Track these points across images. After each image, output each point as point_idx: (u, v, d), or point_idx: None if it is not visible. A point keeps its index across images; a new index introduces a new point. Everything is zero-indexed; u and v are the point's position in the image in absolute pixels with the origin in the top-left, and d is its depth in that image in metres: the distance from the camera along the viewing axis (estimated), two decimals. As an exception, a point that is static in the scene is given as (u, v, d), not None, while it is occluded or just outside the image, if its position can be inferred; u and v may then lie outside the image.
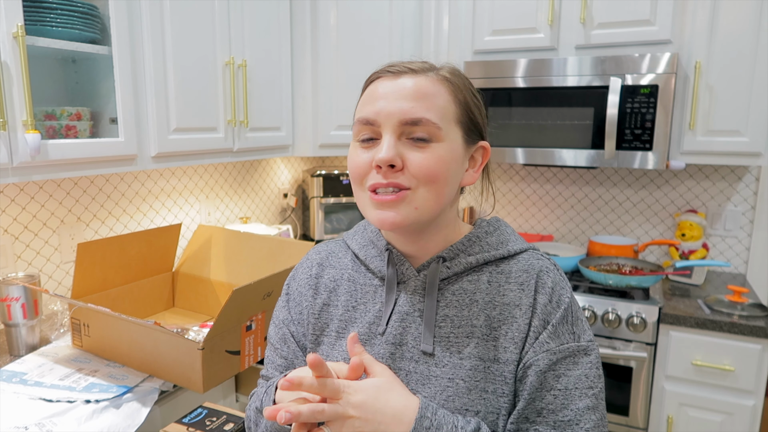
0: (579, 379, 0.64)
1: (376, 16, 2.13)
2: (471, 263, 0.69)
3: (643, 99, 1.76)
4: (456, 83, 0.67)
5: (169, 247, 1.63)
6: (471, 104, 0.69)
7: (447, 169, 0.64)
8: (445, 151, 0.64)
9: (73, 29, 1.29)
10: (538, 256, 0.71)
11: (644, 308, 1.70)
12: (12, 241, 1.48)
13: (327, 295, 0.76)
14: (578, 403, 0.63)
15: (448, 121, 0.65)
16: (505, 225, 0.76)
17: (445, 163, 0.64)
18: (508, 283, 0.68)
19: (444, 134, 0.64)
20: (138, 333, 1.19)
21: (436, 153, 0.63)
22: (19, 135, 1.16)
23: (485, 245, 0.70)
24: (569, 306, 0.67)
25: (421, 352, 0.67)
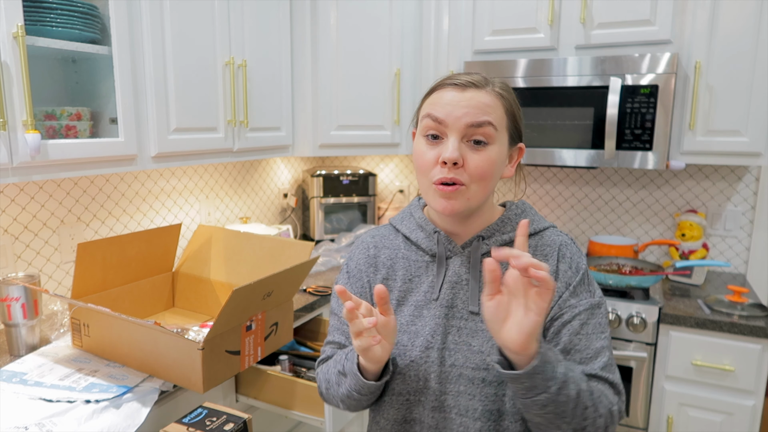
0: (596, 326, 0.81)
1: (376, 16, 2.13)
2: (505, 240, 0.85)
3: (643, 99, 1.76)
4: (507, 98, 0.82)
5: (169, 247, 1.63)
6: (516, 114, 0.84)
7: (495, 169, 0.80)
8: (495, 153, 0.79)
9: (73, 29, 1.29)
10: (558, 232, 0.88)
11: (644, 308, 1.70)
12: (12, 241, 1.48)
13: (386, 271, 0.90)
14: (596, 343, 0.80)
15: (501, 128, 0.80)
16: (530, 207, 0.92)
17: (495, 164, 0.79)
18: (536, 255, 0.84)
19: (498, 137, 0.79)
20: (138, 333, 1.19)
21: (489, 155, 0.79)
22: (19, 135, 1.16)
23: (516, 225, 0.86)
24: (585, 271, 0.84)
25: (470, 312, 0.83)
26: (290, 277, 1.29)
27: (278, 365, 1.45)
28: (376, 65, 2.17)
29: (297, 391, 1.34)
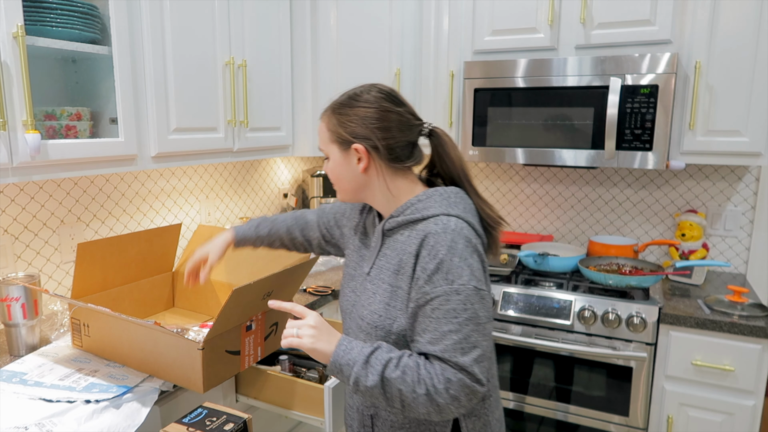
0: (448, 311, 0.88)
1: (376, 16, 2.13)
2: (399, 222, 0.98)
3: (643, 99, 1.76)
4: (329, 116, 1.01)
5: (169, 247, 1.63)
6: (339, 125, 0.99)
7: (338, 173, 1.02)
8: (332, 162, 1.02)
9: (73, 29, 1.29)
10: (442, 221, 0.93)
11: (644, 308, 1.70)
12: (12, 241, 1.48)
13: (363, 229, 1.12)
14: (444, 327, 0.88)
15: (327, 143, 1.01)
16: (443, 193, 0.99)
17: (335, 170, 1.02)
18: (412, 239, 0.95)
19: (329, 150, 1.01)
20: (138, 333, 1.19)
21: (329, 165, 1.03)
22: (19, 135, 1.16)
23: (413, 210, 0.97)
24: (444, 260, 0.90)
25: (365, 273, 1.03)
26: (290, 277, 1.29)
27: (278, 365, 1.45)
28: (376, 65, 2.16)
29: (297, 391, 1.34)
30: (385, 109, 0.97)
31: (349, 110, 0.98)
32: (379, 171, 0.99)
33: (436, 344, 0.88)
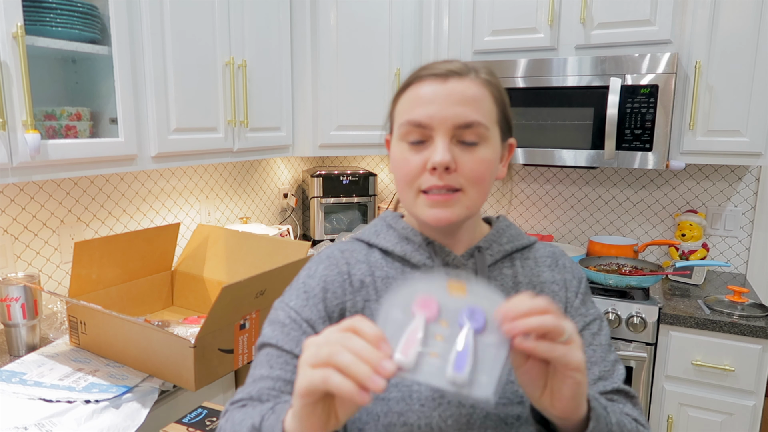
0: (606, 336, 0.76)
1: (376, 16, 2.13)
2: (506, 250, 0.77)
3: (643, 99, 1.76)
4: (496, 85, 0.72)
5: (168, 246, 1.63)
6: (506, 104, 0.73)
7: (491, 170, 0.70)
8: (489, 152, 0.69)
9: (73, 29, 1.29)
10: (546, 244, 0.83)
11: (644, 308, 1.70)
12: (12, 241, 1.48)
13: (366, 292, 0.74)
14: (610, 356, 0.74)
15: (492, 123, 0.70)
16: (510, 220, 0.85)
17: (490, 164, 0.69)
18: (538, 266, 0.78)
19: (490, 135, 0.69)
20: (132, 330, 1.20)
21: (483, 155, 0.68)
22: (19, 135, 1.16)
23: (510, 236, 0.79)
24: (586, 280, 0.81)
25: None
26: (284, 276, 1.28)
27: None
28: (376, 65, 2.17)
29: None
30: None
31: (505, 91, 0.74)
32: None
33: (612, 377, 0.72)
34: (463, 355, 0.49)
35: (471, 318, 0.51)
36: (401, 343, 0.49)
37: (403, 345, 0.49)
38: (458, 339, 0.50)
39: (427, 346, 0.50)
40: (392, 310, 0.52)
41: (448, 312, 0.51)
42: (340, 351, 0.47)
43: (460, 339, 0.50)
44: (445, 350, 0.49)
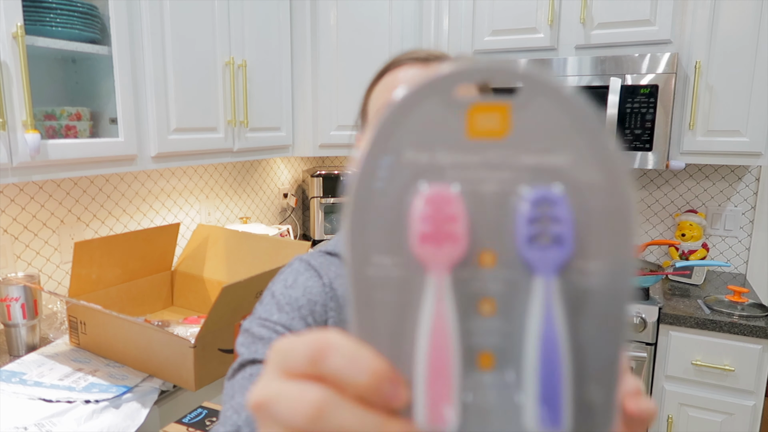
0: None
1: (376, 16, 2.13)
2: None
3: (643, 99, 1.76)
4: None
5: (168, 246, 1.63)
6: None
7: None
8: None
9: (73, 29, 1.29)
10: None
11: (644, 308, 1.70)
12: (12, 241, 1.48)
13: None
14: None
15: None
16: None
17: None
18: None
19: None
20: (131, 330, 1.20)
21: None
22: (19, 135, 1.16)
23: None
24: None
25: None
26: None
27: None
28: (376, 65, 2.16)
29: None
30: None
31: None
32: None
33: None
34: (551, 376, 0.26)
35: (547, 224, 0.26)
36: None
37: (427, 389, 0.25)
38: (533, 319, 0.26)
39: (472, 374, 0.26)
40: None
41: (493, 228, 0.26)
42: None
43: (535, 318, 0.26)
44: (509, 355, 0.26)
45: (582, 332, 0.27)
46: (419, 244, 0.26)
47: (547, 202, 0.27)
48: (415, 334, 0.26)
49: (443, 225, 0.26)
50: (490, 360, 0.27)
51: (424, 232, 0.26)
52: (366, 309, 0.27)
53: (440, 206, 0.26)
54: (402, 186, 0.27)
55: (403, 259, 0.27)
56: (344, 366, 0.24)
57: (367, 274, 0.27)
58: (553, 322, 0.26)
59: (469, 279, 0.27)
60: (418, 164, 0.27)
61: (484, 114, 0.27)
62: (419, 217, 0.26)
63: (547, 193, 0.27)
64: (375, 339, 0.27)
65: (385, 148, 0.28)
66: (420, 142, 0.27)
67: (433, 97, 0.28)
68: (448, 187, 0.27)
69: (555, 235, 0.26)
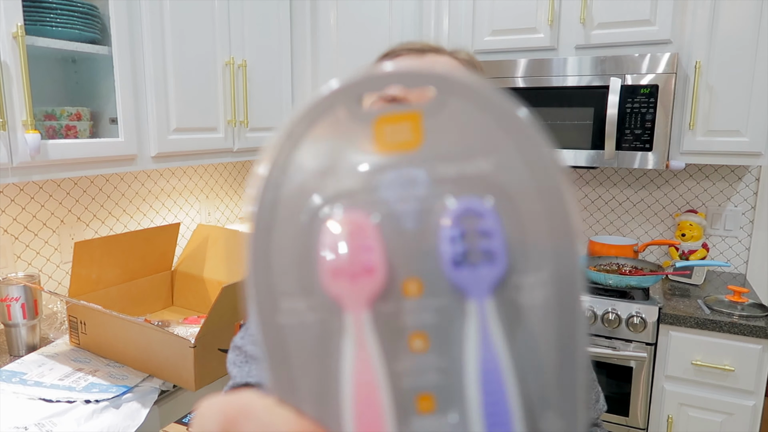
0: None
1: (376, 16, 2.13)
2: None
3: (643, 99, 1.76)
4: (476, 68, 0.67)
5: (168, 246, 1.63)
6: None
7: None
8: None
9: (73, 29, 1.29)
10: None
11: (644, 308, 1.70)
12: (12, 241, 1.48)
13: None
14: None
15: None
16: None
17: None
18: None
19: None
20: (131, 330, 1.20)
21: None
22: (19, 135, 1.16)
23: None
24: None
25: None
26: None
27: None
28: (376, 65, 2.16)
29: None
30: None
31: None
32: None
33: (595, 404, 0.71)
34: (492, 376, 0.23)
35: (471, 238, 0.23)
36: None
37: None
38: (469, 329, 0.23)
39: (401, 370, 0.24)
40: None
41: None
42: None
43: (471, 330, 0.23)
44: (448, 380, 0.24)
45: (530, 355, 0.23)
46: (331, 280, 0.23)
47: (472, 215, 0.23)
48: (339, 384, 0.23)
49: (357, 256, 0.23)
50: (430, 402, 0.23)
51: (336, 267, 0.23)
52: (282, 363, 0.24)
53: (352, 235, 0.23)
54: (307, 215, 0.24)
55: (318, 300, 0.23)
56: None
57: (279, 323, 0.24)
58: (493, 349, 0.23)
59: (394, 313, 0.23)
60: (324, 188, 0.24)
61: (392, 125, 0.24)
62: (328, 250, 0.23)
63: (470, 204, 0.23)
64: (296, 396, 0.24)
65: (284, 171, 0.25)
66: (325, 163, 0.24)
67: (336, 110, 0.25)
68: (359, 213, 0.24)
69: (484, 251, 0.23)
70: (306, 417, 0.23)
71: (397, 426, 0.23)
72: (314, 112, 0.24)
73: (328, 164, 0.24)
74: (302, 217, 0.23)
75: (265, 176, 0.24)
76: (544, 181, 0.24)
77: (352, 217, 0.23)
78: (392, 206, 0.23)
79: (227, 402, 0.23)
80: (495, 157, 0.24)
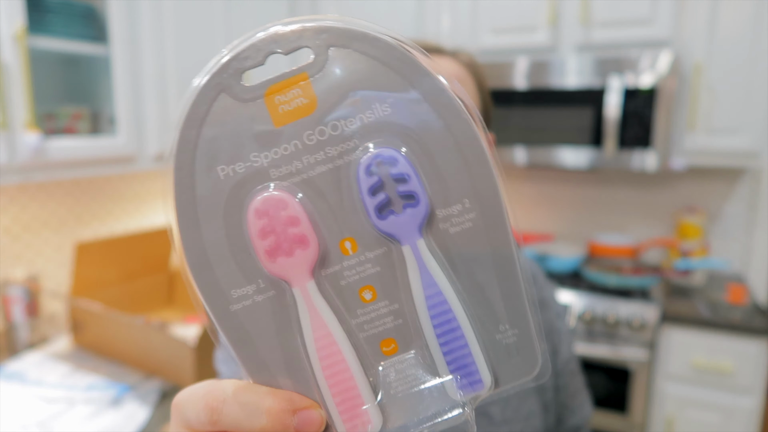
0: (579, 362, 0.72)
1: (376, 16, 2.13)
2: None
3: (643, 99, 1.76)
4: (478, 72, 0.66)
5: (168, 247, 1.63)
6: (487, 94, 0.68)
7: None
8: None
9: (74, 29, 1.29)
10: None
11: (644, 308, 1.70)
12: (12, 241, 1.48)
13: None
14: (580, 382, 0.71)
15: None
16: None
17: None
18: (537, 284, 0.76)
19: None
20: (131, 330, 1.20)
21: None
22: (19, 135, 1.16)
23: None
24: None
25: None
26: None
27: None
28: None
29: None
30: None
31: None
32: None
33: (582, 408, 0.72)
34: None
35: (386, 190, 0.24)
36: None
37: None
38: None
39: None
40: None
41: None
42: None
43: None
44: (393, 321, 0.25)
45: (474, 278, 0.24)
46: (269, 262, 0.24)
47: (384, 163, 0.23)
48: (303, 352, 0.24)
49: (285, 232, 0.24)
50: (393, 344, 0.25)
51: (269, 248, 0.24)
52: (247, 346, 0.25)
53: (274, 214, 0.24)
54: (227, 208, 0.24)
55: (263, 282, 0.24)
56: (240, 416, 0.23)
57: (233, 311, 0.24)
58: (435, 284, 0.24)
59: (337, 273, 0.24)
60: (236, 177, 0.24)
61: (283, 94, 0.24)
62: (257, 234, 0.24)
63: (380, 153, 0.23)
64: (267, 372, 0.25)
65: (191, 174, 0.25)
66: (228, 152, 0.24)
67: (220, 96, 0.24)
68: (277, 191, 0.24)
69: (404, 195, 0.23)
70: (280, 389, 0.24)
71: (363, 373, 0.25)
72: (199, 103, 0.25)
73: (233, 153, 0.24)
74: (223, 211, 0.24)
75: (174, 186, 0.25)
76: (447, 114, 0.24)
77: (269, 197, 0.24)
78: (307, 174, 0.24)
79: (207, 390, 0.24)
80: (390, 99, 0.24)
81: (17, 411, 1.02)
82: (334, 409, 0.24)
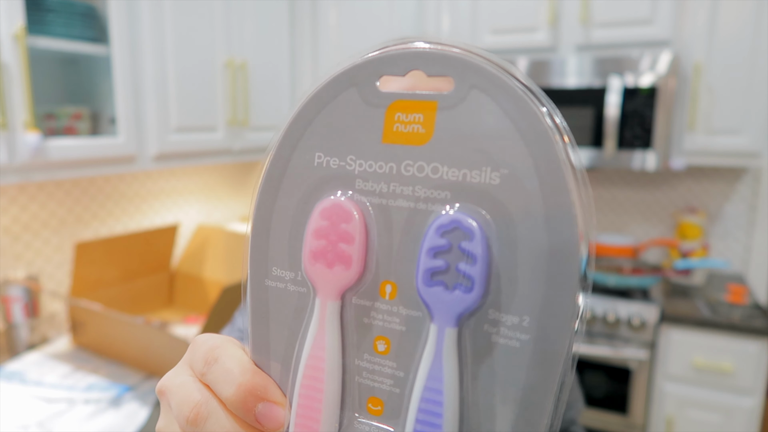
0: None
1: (376, 16, 2.13)
2: None
3: (643, 99, 1.76)
4: None
5: (168, 247, 1.63)
6: None
7: None
8: None
9: (74, 29, 1.29)
10: None
11: (644, 308, 1.70)
12: (12, 241, 1.48)
13: None
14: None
15: None
16: None
17: None
18: None
19: None
20: (131, 330, 1.20)
21: None
22: (19, 135, 1.16)
23: None
24: None
25: None
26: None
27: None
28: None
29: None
30: None
31: None
32: None
33: (575, 406, 0.74)
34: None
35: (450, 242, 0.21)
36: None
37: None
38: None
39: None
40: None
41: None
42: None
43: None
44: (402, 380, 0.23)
45: (492, 399, 0.21)
46: (310, 261, 0.23)
47: (460, 231, 0.21)
48: (298, 360, 0.24)
49: (336, 244, 0.23)
50: (380, 406, 0.23)
51: (314, 251, 0.23)
52: (262, 322, 0.25)
53: (336, 222, 0.23)
54: (305, 194, 0.24)
55: (300, 276, 0.24)
56: (219, 376, 0.24)
57: (266, 285, 0.25)
58: (440, 380, 0.21)
59: (367, 309, 0.23)
60: (327, 170, 0.23)
61: (405, 113, 0.22)
62: (312, 232, 0.23)
63: (459, 219, 0.21)
64: (267, 356, 0.25)
65: (293, 148, 0.24)
66: (332, 143, 0.23)
67: (350, 89, 0.23)
68: (350, 202, 0.23)
69: (463, 275, 0.20)
70: (266, 376, 0.25)
71: (334, 412, 0.24)
72: (330, 89, 0.24)
73: (334, 147, 0.24)
74: (302, 193, 0.24)
75: (274, 151, 0.25)
76: (558, 208, 0.20)
77: (339, 203, 0.23)
78: (387, 201, 0.22)
79: (213, 343, 0.26)
80: (506, 171, 0.21)
81: (17, 411, 1.02)
82: (292, 425, 0.24)
